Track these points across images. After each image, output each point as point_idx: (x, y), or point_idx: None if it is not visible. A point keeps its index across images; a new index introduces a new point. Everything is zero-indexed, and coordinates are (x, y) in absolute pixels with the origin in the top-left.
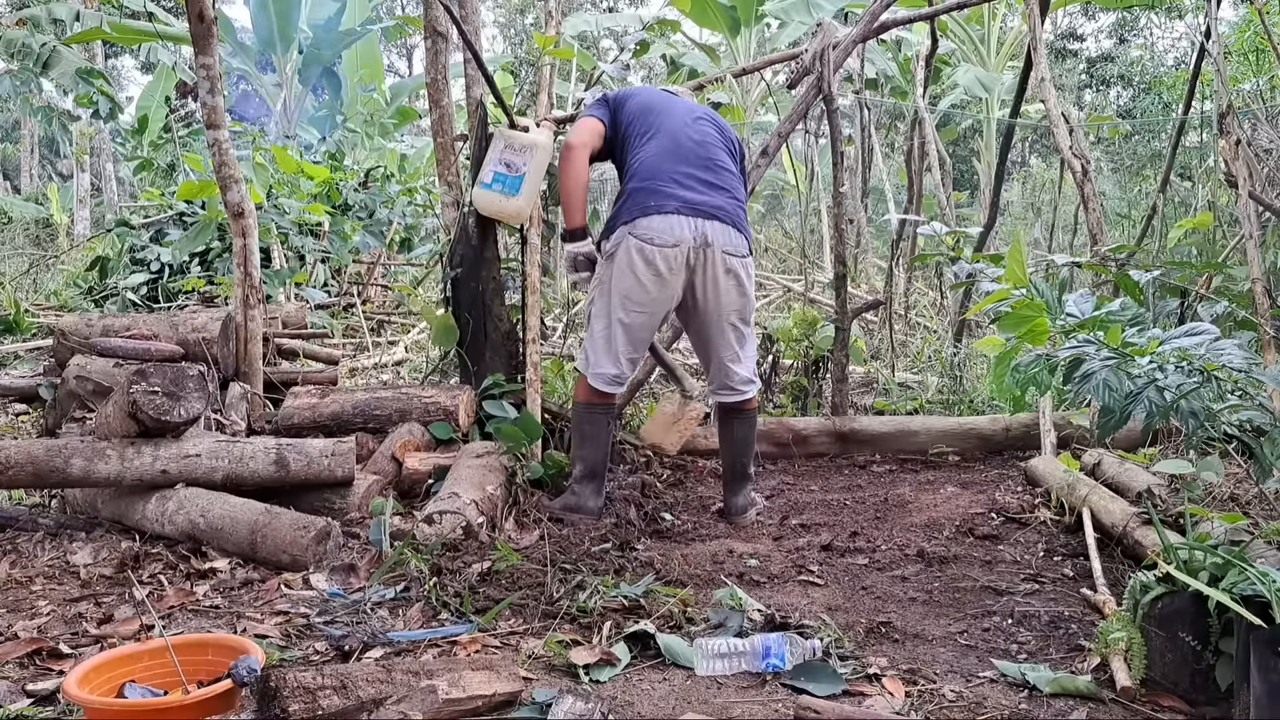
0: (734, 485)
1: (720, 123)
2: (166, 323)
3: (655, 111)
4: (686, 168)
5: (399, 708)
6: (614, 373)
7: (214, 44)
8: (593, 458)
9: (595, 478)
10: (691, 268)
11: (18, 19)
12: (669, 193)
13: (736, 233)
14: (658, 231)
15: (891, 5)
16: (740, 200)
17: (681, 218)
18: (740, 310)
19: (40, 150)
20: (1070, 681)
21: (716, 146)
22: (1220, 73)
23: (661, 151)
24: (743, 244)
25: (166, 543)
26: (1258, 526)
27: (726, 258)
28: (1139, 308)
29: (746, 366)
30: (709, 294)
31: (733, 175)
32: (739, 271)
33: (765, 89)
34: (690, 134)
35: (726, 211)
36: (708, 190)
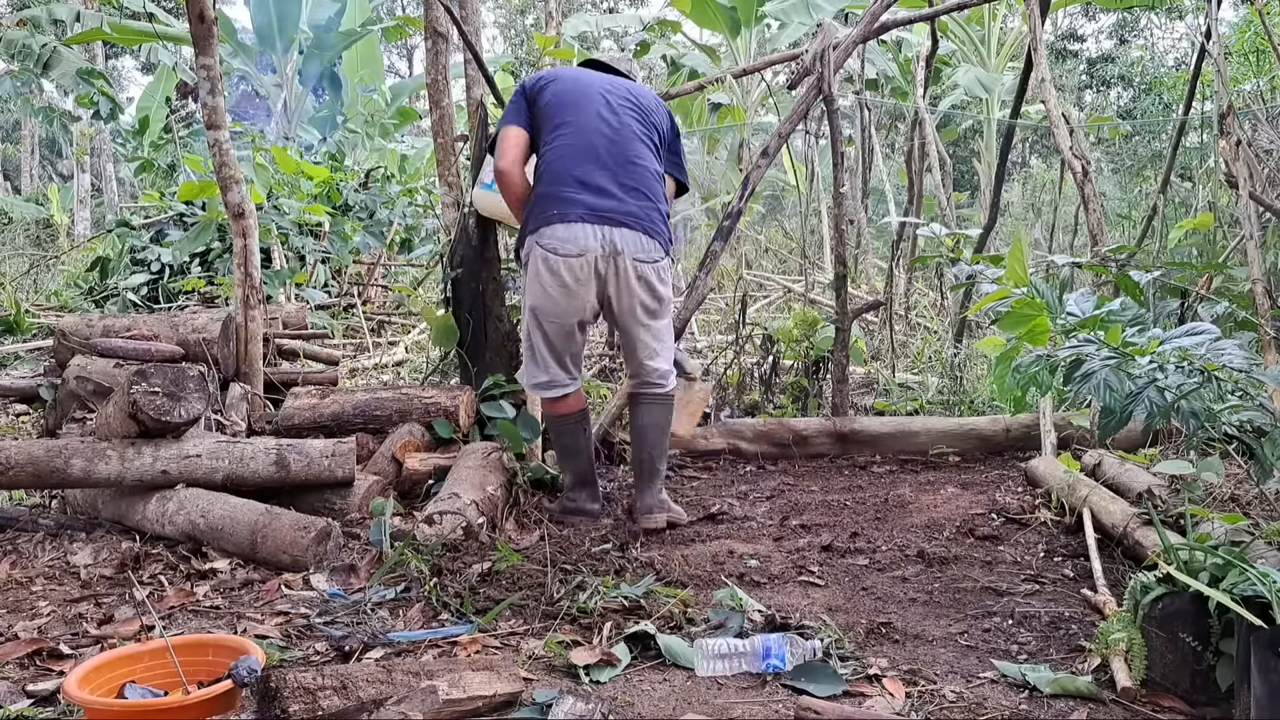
0: (642, 481)
1: (644, 103)
2: (167, 323)
3: (567, 104)
4: (595, 169)
5: (399, 708)
6: (545, 379)
7: (214, 44)
8: (576, 467)
9: (586, 484)
10: (602, 276)
11: (18, 19)
12: (574, 199)
13: (648, 238)
14: (561, 241)
15: (892, 6)
16: (654, 199)
17: (587, 226)
18: (652, 310)
19: (41, 151)
20: (1070, 682)
21: (634, 139)
22: (1220, 73)
23: (569, 151)
24: (655, 249)
25: (167, 543)
26: (1258, 527)
27: (638, 265)
28: (1139, 308)
29: (664, 359)
30: (622, 300)
31: (649, 173)
32: (649, 276)
33: (765, 89)
34: (604, 128)
35: (636, 217)
36: (618, 194)
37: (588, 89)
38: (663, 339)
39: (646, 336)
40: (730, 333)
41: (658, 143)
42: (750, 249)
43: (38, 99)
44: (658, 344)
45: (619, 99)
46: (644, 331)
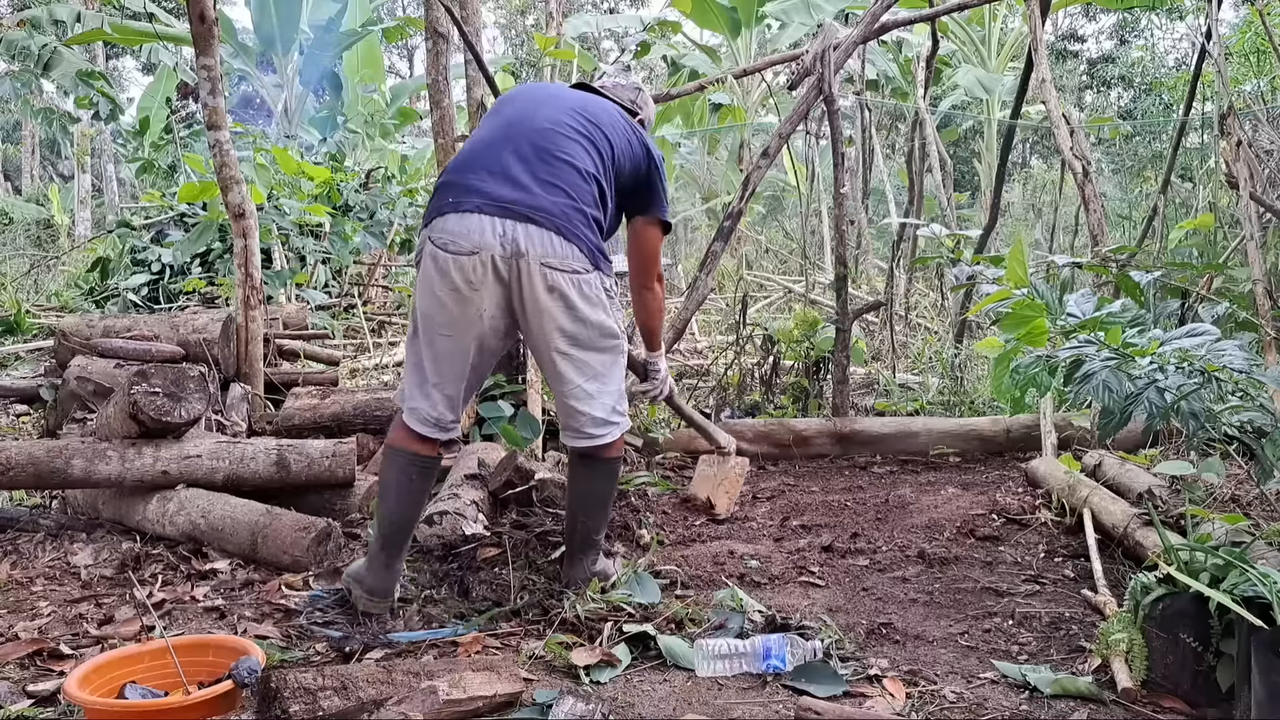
0: (571, 552)
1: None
2: (167, 324)
3: (513, 99)
4: (509, 157)
5: (399, 708)
6: (430, 413)
7: (215, 45)
8: (388, 521)
9: (388, 547)
10: (506, 282)
11: (19, 20)
12: (474, 186)
13: (562, 240)
14: (453, 235)
15: (892, 6)
16: (577, 199)
17: (484, 218)
18: (574, 337)
19: (41, 151)
20: (1071, 683)
21: (567, 137)
22: (1221, 74)
23: (484, 137)
24: (574, 256)
25: (167, 544)
26: (1259, 527)
27: (547, 272)
28: (1140, 309)
29: (598, 405)
30: (530, 316)
31: (578, 172)
32: (565, 289)
33: (766, 90)
34: (537, 121)
35: (548, 214)
36: (530, 185)
37: (542, 91)
38: (597, 377)
39: (568, 370)
40: (731, 333)
41: (605, 151)
42: (751, 249)
43: (38, 100)
44: (585, 381)
45: (567, 100)
46: (564, 363)
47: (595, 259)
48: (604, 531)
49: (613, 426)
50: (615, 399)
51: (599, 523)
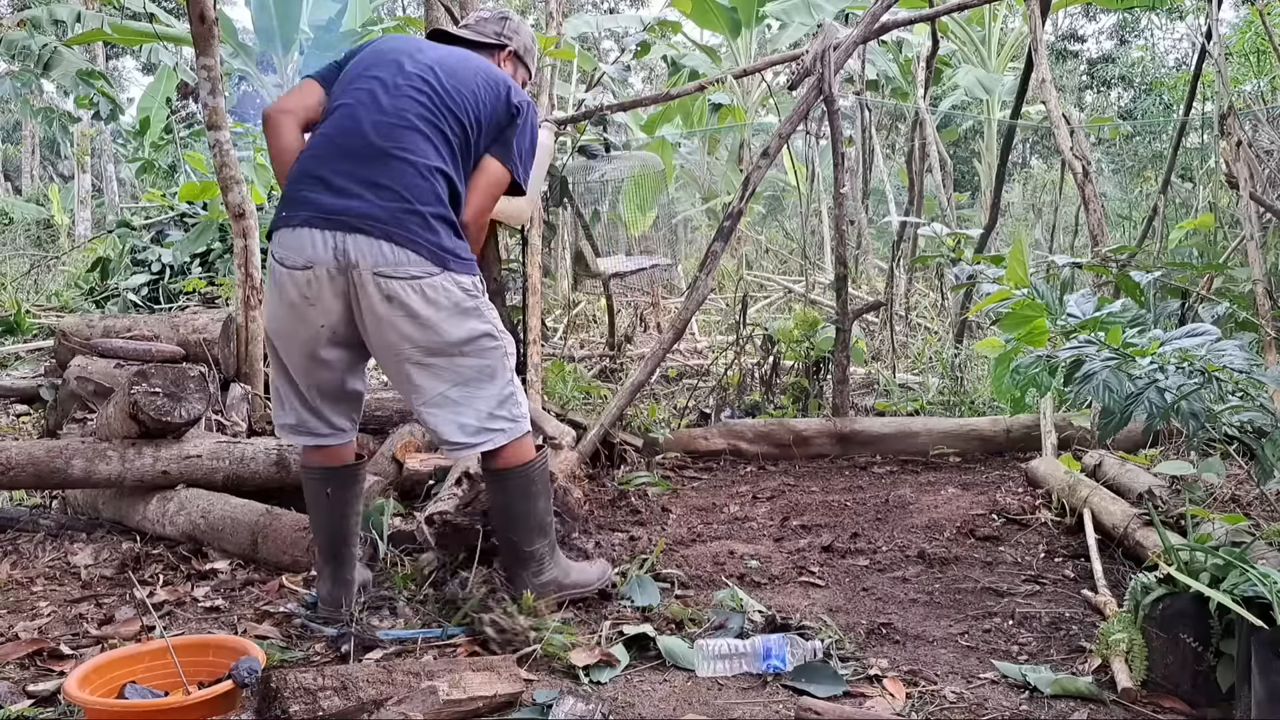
0: (506, 567)
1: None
2: (167, 323)
3: (351, 78)
4: (341, 162)
5: (400, 709)
6: (291, 420)
7: (215, 45)
8: (322, 538)
9: (331, 560)
10: (344, 295)
11: (19, 20)
12: (306, 198)
13: (395, 248)
14: (288, 250)
15: (892, 6)
16: (411, 200)
17: (314, 231)
18: (425, 345)
19: (41, 151)
20: (1071, 683)
21: (404, 128)
22: (1221, 74)
23: (322, 141)
24: (411, 260)
25: (167, 544)
26: (1259, 528)
27: (381, 281)
28: (1140, 309)
29: (469, 411)
30: (370, 328)
31: (413, 168)
32: (404, 296)
33: (766, 90)
34: (371, 113)
35: (378, 221)
36: (359, 192)
37: (385, 61)
38: (466, 382)
39: (425, 379)
40: (731, 333)
41: (455, 132)
42: (751, 249)
43: (37, 100)
44: (450, 388)
45: (413, 75)
46: (420, 373)
47: (441, 259)
48: (539, 543)
49: (494, 434)
50: (494, 404)
51: (524, 536)
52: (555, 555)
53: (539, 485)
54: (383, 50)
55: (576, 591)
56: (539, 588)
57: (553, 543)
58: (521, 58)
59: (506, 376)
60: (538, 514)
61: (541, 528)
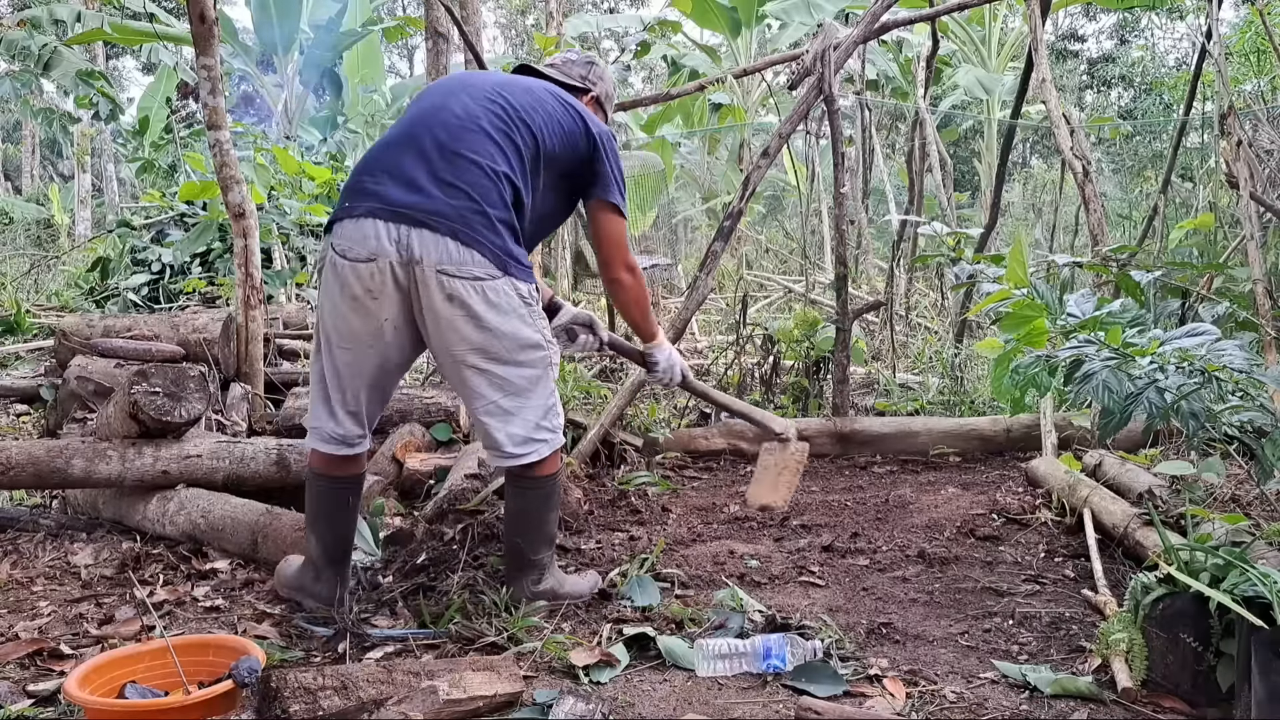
0: (509, 570)
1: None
2: (167, 323)
3: (430, 91)
4: (410, 157)
5: (400, 708)
6: (331, 430)
7: (215, 45)
8: (320, 542)
9: (331, 564)
10: (405, 291)
11: (19, 20)
12: (371, 189)
13: (461, 247)
14: (350, 241)
15: (892, 6)
16: (480, 201)
17: (379, 223)
18: (484, 349)
19: (41, 151)
20: (1071, 683)
21: (477, 132)
22: (1221, 74)
23: (387, 138)
24: (476, 261)
25: (167, 543)
26: (1259, 527)
27: (444, 279)
28: (1140, 308)
29: (519, 423)
30: (430, 327)
31: (483, 171)
32: (466, 297)
33: (766, 90)
34: (444, 115)
35: (444, 217)
36: (428, 188)
37: (454, 83)
38: (518, 393)
39: (481, 384)
40: (731, 333)
41: (526, 142)
42: (751, 249)
43: (37, 100)
44: (503, 397)
45: (488, 94)
46: (477, 377)
47: (504, 263)
48: (544, 553)
49: (538, 445)
50: (540, 415)
51: (534, 544)
52: (553, 566)
53: (555, 498)
54: (453, 77)
55: (568, 601)
56: (536, 594)
57: (553, 554)
58: (603, 104)
59: (550, 386)
60: (549, 525)
61: (550, 539)
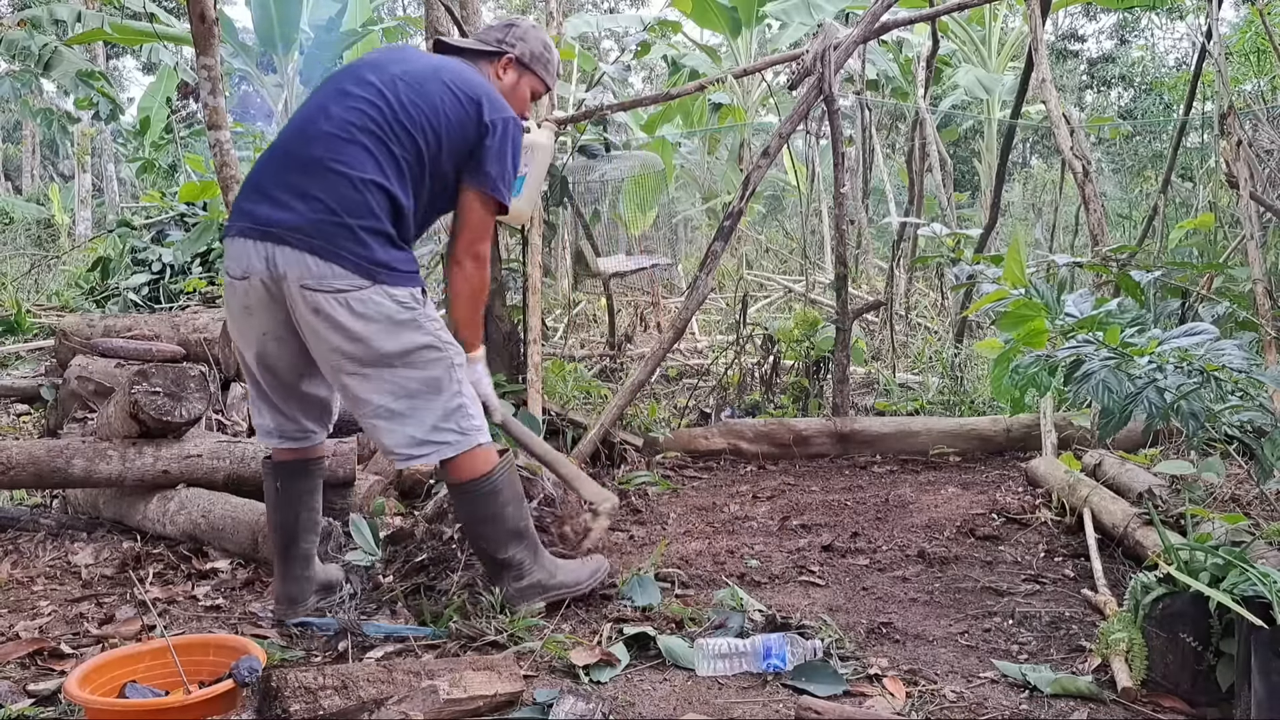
0: (490, 577)
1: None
2: (168, 323)
3: (323, 87)
4: (279, 172)
5: (400, 708)
6: (265, 423)
7: (215, 45)
8: (273, 532)
9: (282, 558)
10: (281, 304)
11: (19, 20)
12: (243, 207)
13: (319, 261)
14: (230, 260)
15: (892, 6)
16: (340, 213)
17: (248, 242)
18: (357, 358)
19: (42, 151)
20: (1071, 682)
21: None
22: (1221, 73)
23: (269, 149)
24: (333, 274)
25: (168, 543)
26: (1259, 527)
27: (307, 294)
28: (1139, 308)
29: (414, 424)
30: (306, 338)
31: (347, 180)
32: (330, 310)
33: (766, 90)
34: (317, 122)
35: (303, 233)
36: (289, 202)
37: (352, 72)
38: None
39: (364, 389)
40: (731, 333)
41: (405, 146)
42: (751, 249)
43: (37, 100)
44: (393, 401)
45: (372, 87)
46: (358, 383)
47: (371, 272)
48: (513, 549)
49: (439, 446)
50: (439, 417)
51: (495, 544)
52: (539, 558)
53: (505, 494)
54: (360, 62)
55: (564, 592)
56: (521, 592)
57: (531, 545)
58: (528, 65)
59: (454, 388)
60: (507, 521)
61: (514, 534)
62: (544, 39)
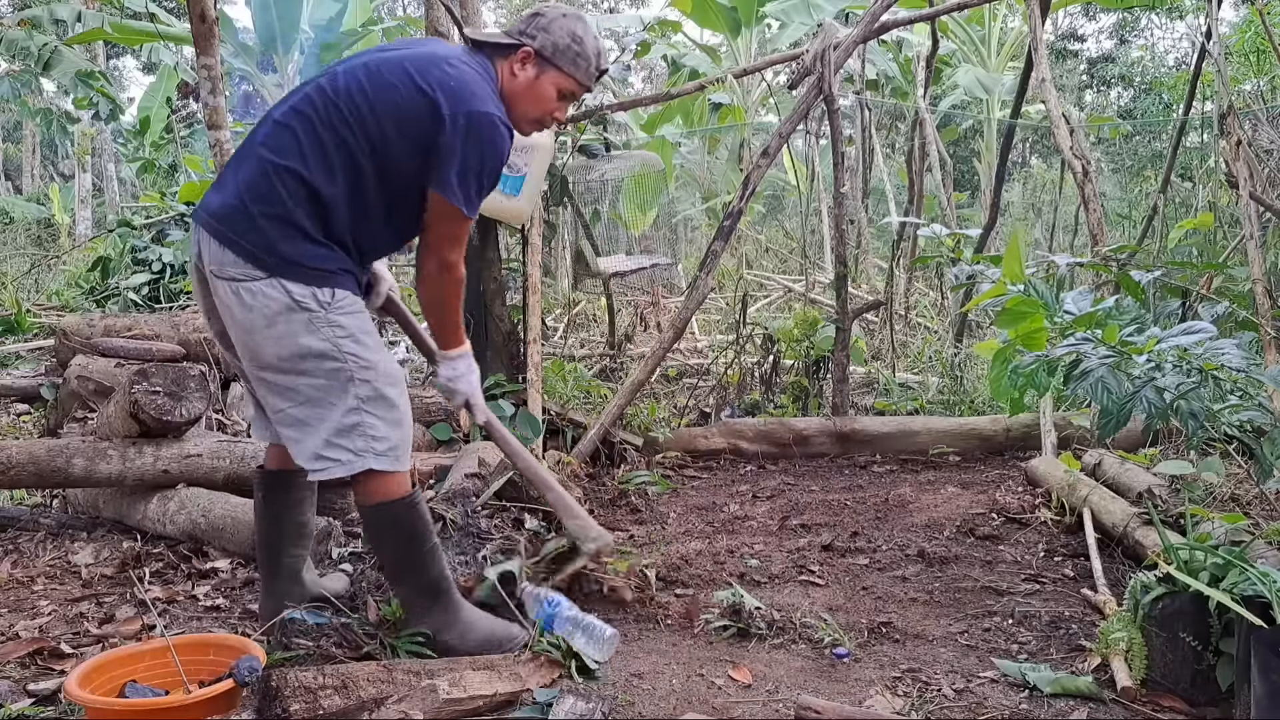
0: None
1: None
2: (168, 323)
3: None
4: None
5: (400, 707)
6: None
7: (215, 44)
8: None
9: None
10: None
11: (19, 20)
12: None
13: (219, 246)
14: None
15: (892, 6)
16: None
17: (196, 229)
18: (253, 354)
19: (42, 150)
20: (1071, 682)
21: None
22: (1221, 73)
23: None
24: (230, 260)
25: (168, 542)
26: (1258, 527)
27: (214, 280)
28: (1138, 307)
29: (312, 435)
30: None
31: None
32: (226, 299)
33: (766, 89)
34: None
35: (214, 217)
36: (219, 187)
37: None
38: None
39: (268, 394)
40: (731, 332)
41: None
42: (751, 249)
43: (36, 100)
44: (293, 407)
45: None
46: (261, 387)
47: (266, 263)
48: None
49: (329, 463)
50: (332, 432)
51: (395, 576)
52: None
53: (398, 529)
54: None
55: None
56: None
57: (436, 596)
58: (550, 59)
59: (349, 404)
60: (404, 559)
61: (412, 574)
62: (572, 29)
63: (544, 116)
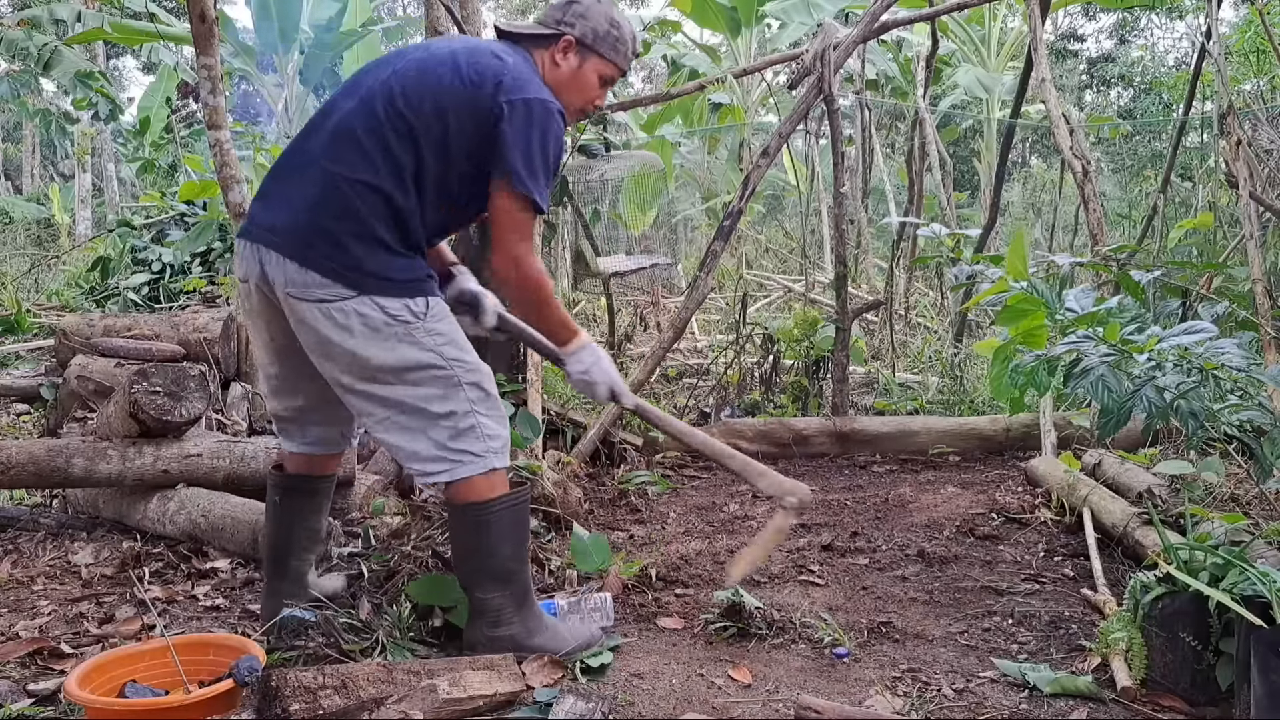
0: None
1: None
2: (168, 323)
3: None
4: (282, 172)
5: (400, 707)
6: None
7: (215, 44)
8: (264, 544)
9: (267, 573)
10: (278, 310)
11: (19, 20)
12: (250, 208)
13: (298, 267)
14: (236, 261)
15: (892, 6)
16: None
17: (247, 245)
18: (348, 371)
19: (42, 150)
20: (1071, 681)
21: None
22: (1221, 73)
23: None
24: (313, 282)
25: (168, 542)
26: (1258, 527)
27: (292, 302)
28: (1139, 306)
29: (423, 440)
30: (307, 349)
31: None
32: (312, 321)
33: (766, 89)
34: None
35: (286, 237)
36: (280, 204)
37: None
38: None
39: (363, 404)
40: (731, 332)
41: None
42: (751, 249)
43: (36, 100)
44: (396, 414)
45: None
46: (354, 398)
47: (356, 282)
48: (494, 593)
49: (451, 465)
50: (448, 436)
51: (476, 581)
52: (524, 610)
53: (502, 527)
54: (389, 54)
55: (540, 652)
56: (491, 641)
57: (518, 593)
58: (591, 45)
59: (464, 406)
60: (497, 559)
61: (501, 576)
62: (609, 14)
63: (586, 105)
